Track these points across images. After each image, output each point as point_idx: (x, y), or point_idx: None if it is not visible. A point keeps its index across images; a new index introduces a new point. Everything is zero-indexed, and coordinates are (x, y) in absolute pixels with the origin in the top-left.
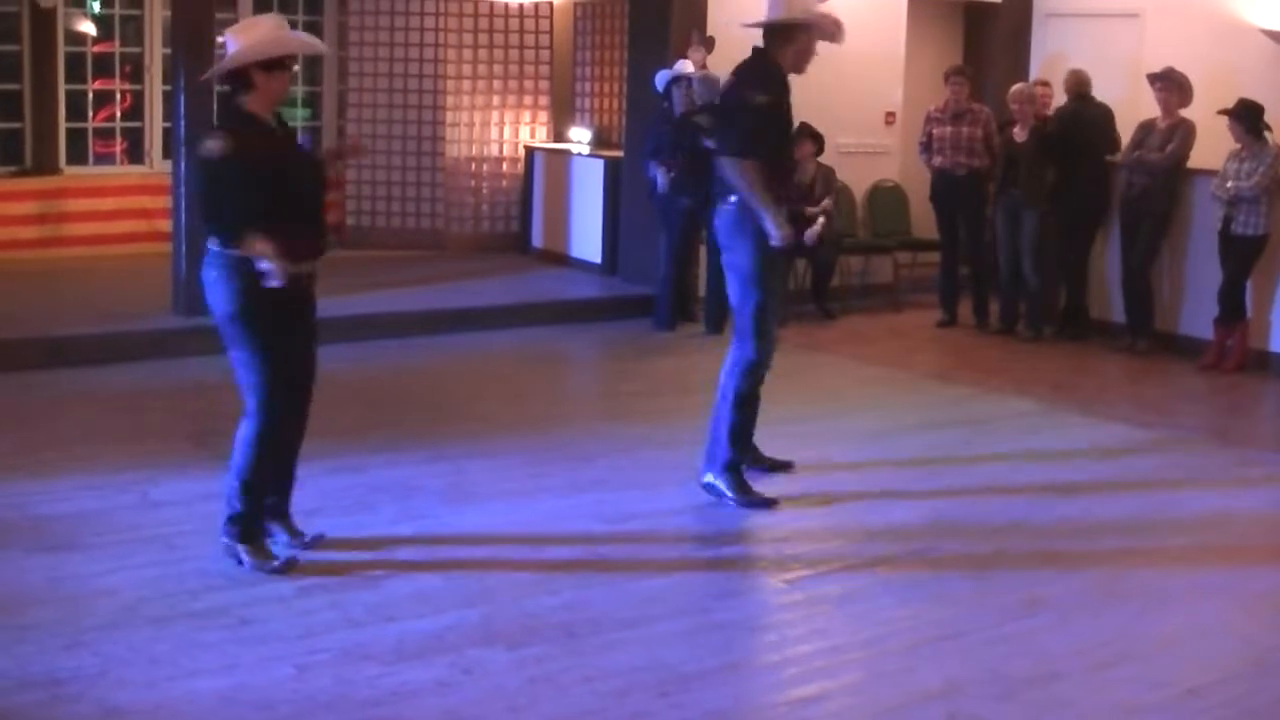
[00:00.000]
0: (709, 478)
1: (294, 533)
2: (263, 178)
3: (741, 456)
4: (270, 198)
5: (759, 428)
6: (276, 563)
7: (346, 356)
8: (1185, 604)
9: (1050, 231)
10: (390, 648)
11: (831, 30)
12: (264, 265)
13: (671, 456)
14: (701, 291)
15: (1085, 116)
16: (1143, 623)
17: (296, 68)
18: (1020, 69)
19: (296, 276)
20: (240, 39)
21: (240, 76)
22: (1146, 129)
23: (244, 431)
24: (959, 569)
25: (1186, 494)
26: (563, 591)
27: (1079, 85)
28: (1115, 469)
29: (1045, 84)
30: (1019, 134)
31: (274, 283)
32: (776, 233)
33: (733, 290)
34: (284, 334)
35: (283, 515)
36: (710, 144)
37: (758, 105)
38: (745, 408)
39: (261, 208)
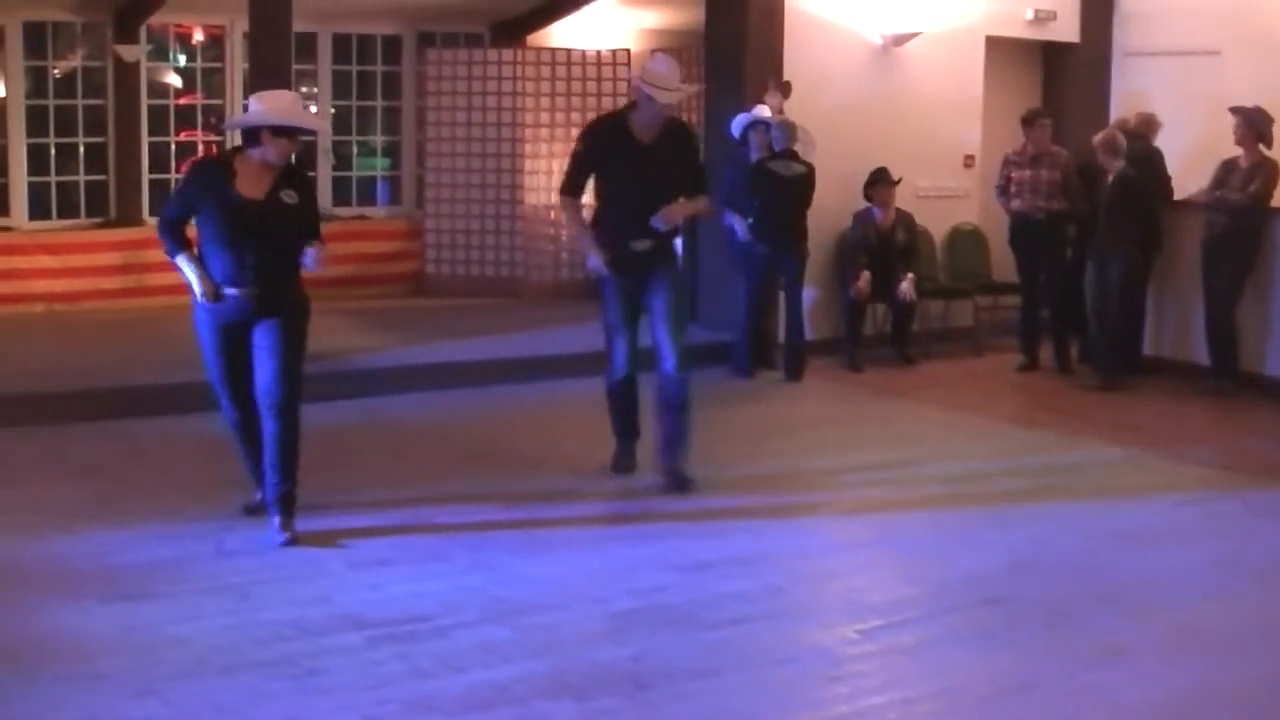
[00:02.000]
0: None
1: (281, 524)
2: (198, 204)
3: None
4: (206, 223)
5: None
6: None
7: (423, 405)
8: (1265, 652)
9: (1136, 277)
10: (457, 699)
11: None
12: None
13: (744, 504)
14: (780, 338)
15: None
16: (1222, 673)
17: (313, 138)
18: (1099, 109)
19: (240, 298)
20: (263, 104)
21: (254, 133)
22: (1229, 168)
23: None
24: (1035, 617)
25: (1269, 539)
26: (631, 642)
27: (1140, 128)
28: (1196, 514)
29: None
30: (1109, 181)
31: (199, 298)
32: (590, 260)
33: None
34: (226, 348)
35: (272, 503)
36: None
37: (575, 151)
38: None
39: (205, 233)
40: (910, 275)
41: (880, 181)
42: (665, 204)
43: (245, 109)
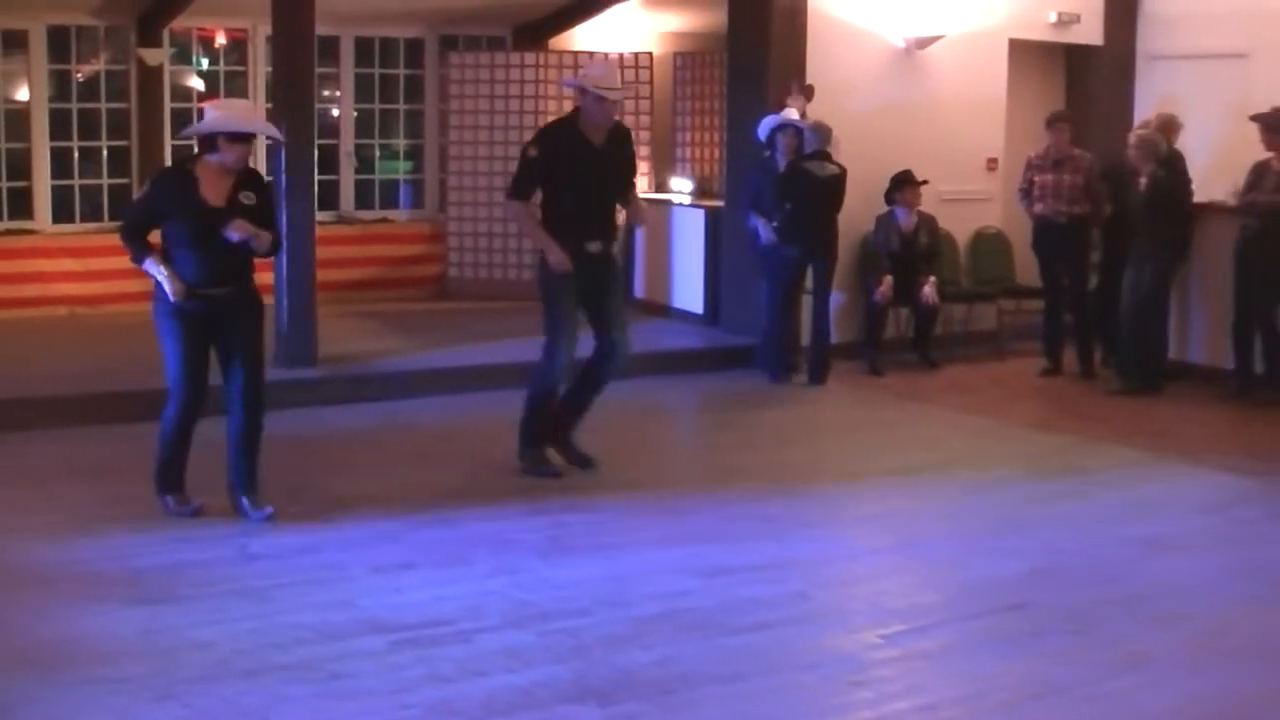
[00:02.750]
0: None
1: (253, 505)
2: (166, 212)
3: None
4: (174, 229)
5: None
6: (186, 508)
7: (445, 408)
8: None
9: (1168, 282)
10: (479, 704)
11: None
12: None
13: (767, 509)
14: (804, 341)
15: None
16: (1246, 681)
17: (270, 142)
18: (1124, 112)
19: (205, 297)
20: (219, 111)
21: (210, 139)
22: (1261, 171)
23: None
24: (1058, 624)
25: None
26: (656, 647)
27: (1161, 130)
28: (1221, 520)
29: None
30: (1141, 184)
31: (170, 297)
32: (551, 259)
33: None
34: (191, 341)
35: (244, 490)
36: None
37: (529, 157)
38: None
39: (173, 238)
40: (933, 278)
41: (906, 183)
42: (613, 204)
43: (201, 116)
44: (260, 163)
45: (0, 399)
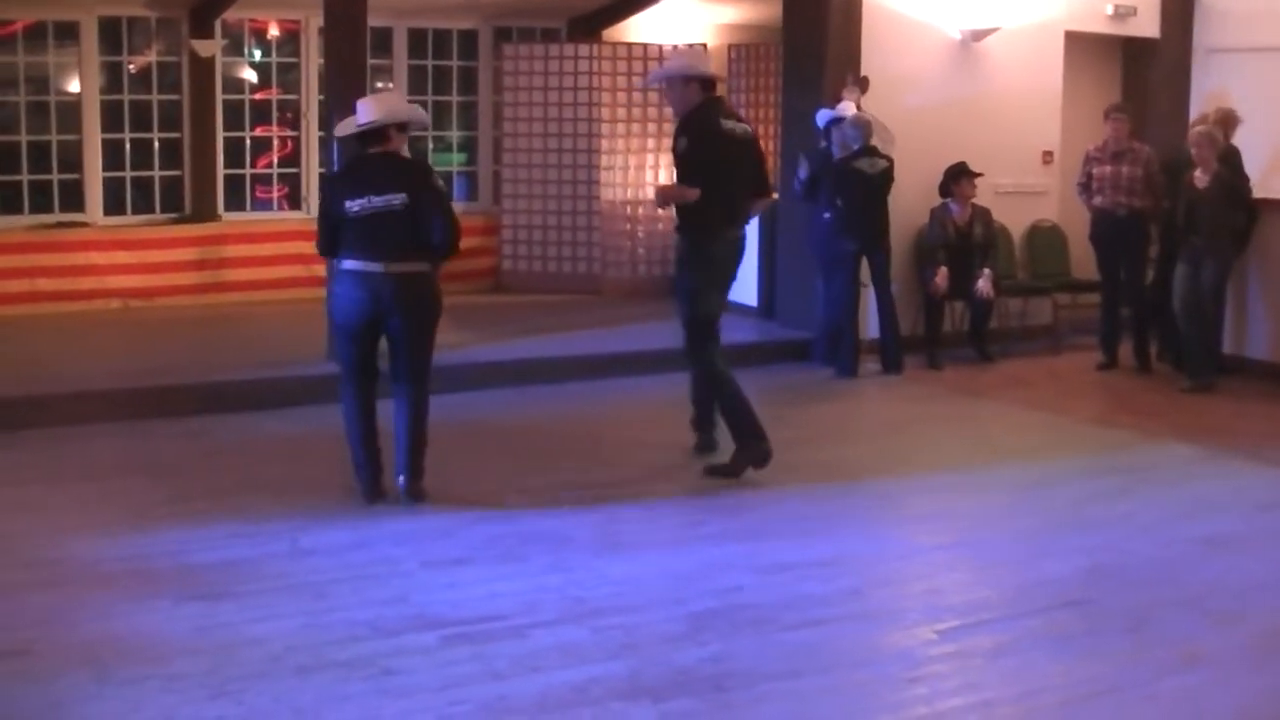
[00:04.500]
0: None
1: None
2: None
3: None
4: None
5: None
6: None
7: (501, 402)
8: None
9: (1228, 277)
10: (533, 701)
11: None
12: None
13: (822, 505)
14: (873, 334)
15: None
16: None
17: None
18: (1180, 106)
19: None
20: (380, 104)
21: (379, 132)
22: None
23: None
24: (1115, 622)
25: None
26: (711, 644)
27: (1219, 124)
28: (1279, 520)
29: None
30: (1200, 179)
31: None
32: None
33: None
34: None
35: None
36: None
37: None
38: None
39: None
40: (988, 271)
41: (962, 175)
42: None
43: (357, 112)
44: (312, 152)
45: (57, 394)
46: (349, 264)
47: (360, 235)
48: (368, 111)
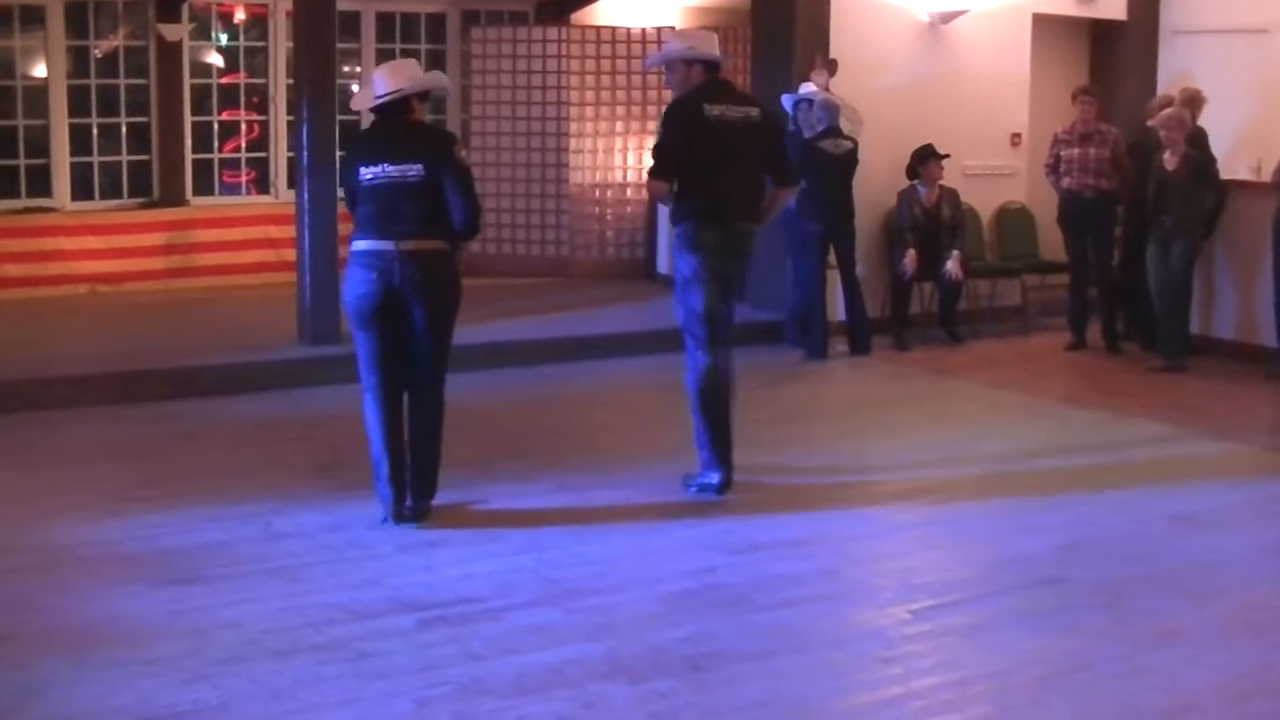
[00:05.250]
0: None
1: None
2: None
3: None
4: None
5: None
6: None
7: (472, 385)
8: None
9: (1197, 258)
10: (510, 682)
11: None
12: None
13: (797, 486)
14: (842, 316)
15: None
16: (1279, 656)
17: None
18: (1148, 88)
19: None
20: (399, 74)
21: (401, 101)
22: None
23: None
24: (1089, 599)
25: None
26: (686, 624)
27: (1185, 104)
28: (1251, 495)
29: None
30: (1170, 161)
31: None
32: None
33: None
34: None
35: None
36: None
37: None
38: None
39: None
40: (956, 253)
41: (930, 157)
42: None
43: (374, 83)
44: (281, 137)
45: (29, 378)
46: (358, 243)
47: (372, 209)
48: (386, 81)
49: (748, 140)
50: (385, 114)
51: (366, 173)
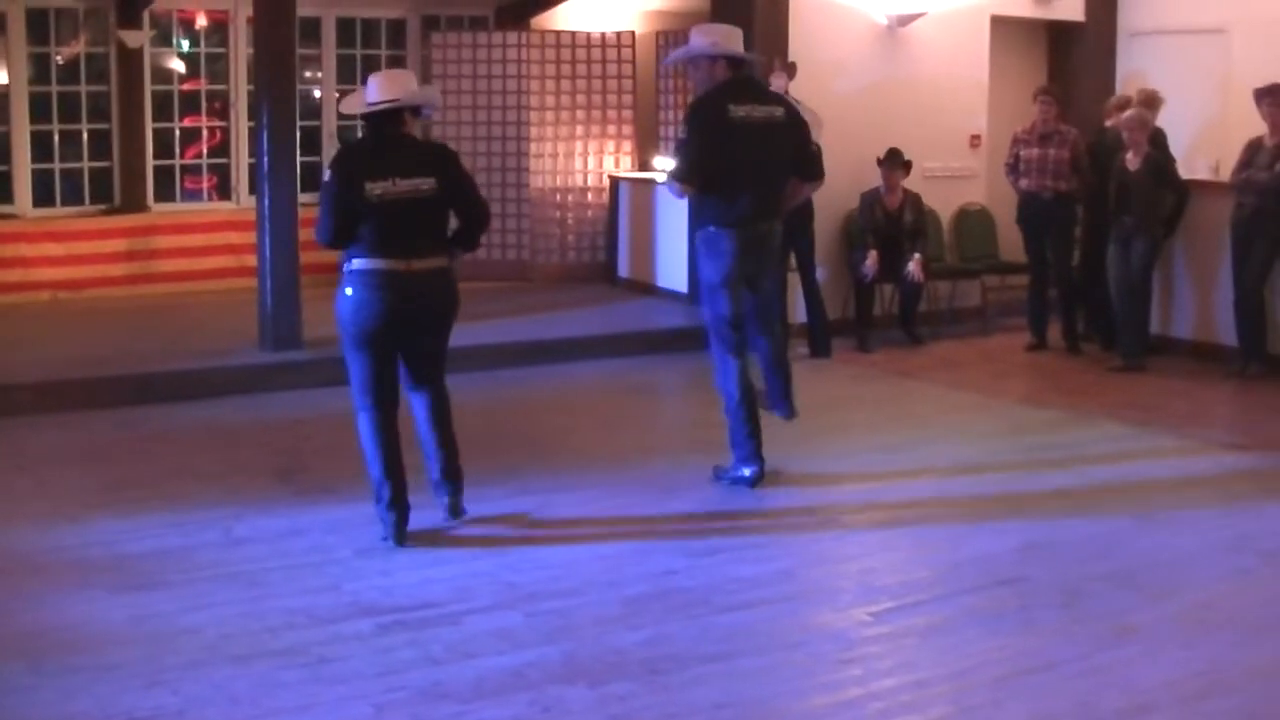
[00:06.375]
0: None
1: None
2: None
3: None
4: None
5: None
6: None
7: None
8: (1279, 632)
9: (1158, 258)
10: (469, 686)
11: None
12: None
13: (756, 489)
14: (800, 318)
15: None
16: (1236, 653)
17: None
18: (1105, 88)
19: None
20: (397, 85)
21: (394, 113)
22: (1254, 148)
23: None
24: (1048, 598)
25: None
26: (645, 627)
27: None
28: (1209, 494)
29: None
30: (1132, 161)
31: None
32: None
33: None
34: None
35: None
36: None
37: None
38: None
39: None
40: (918, 256)
41: (891, 164)
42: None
43: (368, 90)
44: (242, 143)
45: None
46: (365, 262)
47: (381, 226)
48: (382, 90)
49: (772, 141)
50: (378, 125)
51: (374, 188)
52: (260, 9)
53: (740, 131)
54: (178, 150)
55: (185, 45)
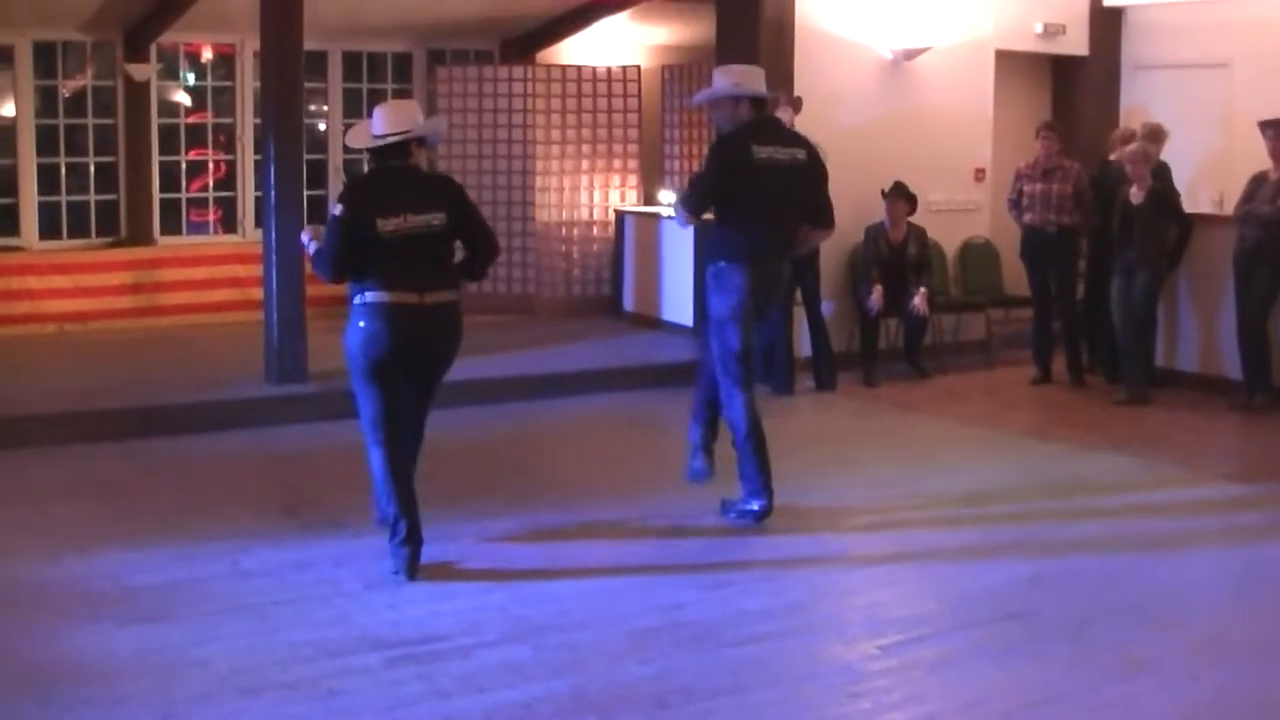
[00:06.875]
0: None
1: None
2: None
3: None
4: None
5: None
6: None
7: (438, 422)
8: None
9: (1161, 290)
10: (479, 719)
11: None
12: None
13: (765, 522)
14: (805, 352)
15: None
16: (1245, 683)
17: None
18: (1110, 121)
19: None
20: (403, 116)
21: (400, 145)
22: (1258, 181)
23: None
24: (1056, 631)
25: None
26: (654, 660)
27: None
28: (1215, 525)
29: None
30: (1135, 195)
31: None
32: None
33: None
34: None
35: None
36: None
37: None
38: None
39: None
40: (923, 290)
41: (895, 197)
42: None
43: (374, 122)
44: (248, 175)
45: None
46: (379, 295)
47: (393, 260)
48: (389, 121)
49: (792, 183)
50: (385, 157)
51: (386, 224)
52: (267, 42)
53: (762, 173)
54: (184, 183)
55: (191, 78)
